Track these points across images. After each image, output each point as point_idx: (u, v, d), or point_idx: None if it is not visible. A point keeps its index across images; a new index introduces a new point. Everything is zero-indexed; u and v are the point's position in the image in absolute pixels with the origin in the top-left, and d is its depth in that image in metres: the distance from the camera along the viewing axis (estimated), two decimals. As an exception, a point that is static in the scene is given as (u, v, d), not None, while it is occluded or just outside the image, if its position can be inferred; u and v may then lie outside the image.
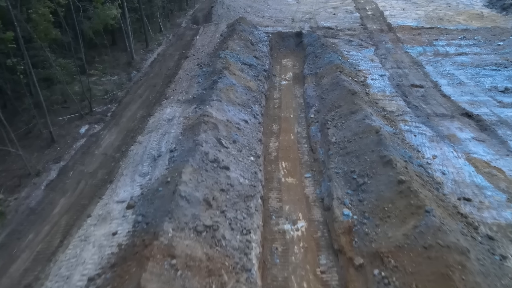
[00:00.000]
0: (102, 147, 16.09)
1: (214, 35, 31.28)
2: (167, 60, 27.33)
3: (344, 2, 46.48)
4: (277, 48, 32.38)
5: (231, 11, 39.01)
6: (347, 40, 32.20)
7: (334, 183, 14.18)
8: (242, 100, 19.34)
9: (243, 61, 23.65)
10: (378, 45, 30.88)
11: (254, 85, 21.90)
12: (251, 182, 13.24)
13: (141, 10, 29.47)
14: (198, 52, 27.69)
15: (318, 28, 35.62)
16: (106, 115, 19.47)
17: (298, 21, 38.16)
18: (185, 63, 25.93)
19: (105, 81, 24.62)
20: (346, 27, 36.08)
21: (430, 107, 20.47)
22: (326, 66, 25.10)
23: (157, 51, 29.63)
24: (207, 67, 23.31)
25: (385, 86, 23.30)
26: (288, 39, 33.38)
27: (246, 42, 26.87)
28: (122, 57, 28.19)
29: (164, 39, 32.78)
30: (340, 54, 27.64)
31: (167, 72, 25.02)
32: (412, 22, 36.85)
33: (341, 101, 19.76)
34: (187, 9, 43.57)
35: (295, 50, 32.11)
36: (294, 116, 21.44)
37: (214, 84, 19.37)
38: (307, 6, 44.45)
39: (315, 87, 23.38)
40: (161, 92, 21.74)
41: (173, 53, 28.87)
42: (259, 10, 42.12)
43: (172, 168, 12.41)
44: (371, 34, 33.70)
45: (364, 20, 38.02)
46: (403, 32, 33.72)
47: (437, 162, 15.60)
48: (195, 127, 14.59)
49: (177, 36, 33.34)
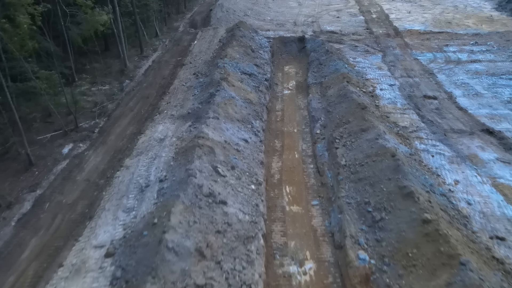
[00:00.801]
0: (85, 171, 14.30)
1: (213, 40, 29.46)
2: (162, 68, 25.52)
3: (348, 4, 44.65)
4: (279, 53, 30.56)
5: (231, 14, 37.18)
6: (352, 46, 30.38)
7: (345, 215, 12.37)
8: (241, 115, 17.54)
9: (243, 70, 21.84)
10: (385, 51, 29.06)
11: (254, 97, 20.10)
12: (252, 218, 11.44)
13: (135, 14, 27.66)
14: (195, 59, 25.87)
15: (322, 33, 33.79)
16: (93, 131, 17.67)
17: (301, 25, 36.33)
18: (181, 71, 24.12)
19: (95, 91, 22.82)
20: (351, 31, 34.25)
21: (446, 122, 18.65)
22: (332, 75, 23.28)
23: (152, 58, 27.82)
24: (204, 77, 21.50)
25: (396, 98, 21.48)
26: (290, 44, 31.56)
27: (246, 49, 25.05)
28: (115, 65, 26.38)
29: (160, 45, 30.95)
30: (346, 62, 25.83)
31: (161, 81, 23.21)
32: (419, 26, 35.02)
33: (349, 116, 17.94)
34: (185, 12, 41.74)
35: (297, 56, 30.29)
36: (298, 131, 19.63)
37: (211, 98, 17.57)
38: (310, 8, 42.62)
39: (320, 98, 21.57)
40: (154, 105, 19.93)
41: (169, 60, 27.06)
42: (260, 13, 40.29)
43: (160, 205, 10.63)
44: (377, 39, 31.88)
45: (369, 24, 36.20)
46: (411, 37, 31.89)
47: (460, 189, 13.79)
48: (189, 151, 12.80)
49: (174, 41, 31.52)
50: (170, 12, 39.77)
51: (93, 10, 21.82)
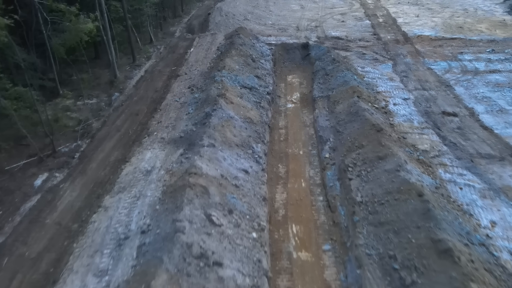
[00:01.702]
0: (57, 211, 12.10)
1: (210, 48, 27.21)
2: (155, 79, 23.27)
3: (352, 7, 42.38)
4: (281, 61, 28.31)
5: (230, 18, 34.90)
6: (359, 53, 28.13)
7: (366, 272, 10.15)
8: (241, 139, 15.31)
9: (242, 84, 19.60)
10: (395, 59, 26.80)
11: (255, 115, 17.86)
12: (254, 280, 9.22)
13: (126, 20, 25.39)
14: (191, 69, 23.62)
15: (326, 38, 31.54)
16: (73, 156, 15.44)
17: (304, 30, 34.06)
18: (175, 84, 21.87)
19: (81, 106, 20.58)
20: (357, 37, 31.99)
21: (471, 145, 16.41)
22: (340, 88, 21.04)
23: (144, 67, 25.55)
24: (199, 92, 19.26)
25: (412, 114, 19.24)
26: (294, 51, 29.31)
27: (246, 59, 22.79)
28: (104, 75, 24.13)
29: (154, 52, 28.68)
30: (354, 72, 23.57)
31: (153, 95, 20.97)
32: (429, 31, 32.75)
33: (363, 139, 15.69)
34: (182, 16, 39.46)
35: (301, 64, 28.04)
36: (305, 153, 17.40)
37: (207, 119, 15.33)
38: (313, 12, 40.34)
39: (328, 115, 19.33)
40: (143, 124, 17.69)
41: (163, 69, 24.80)
42: (261, 17, 38.02)
43: (139, 271, 8.45)
44: (386, 45, 29.62)
45: (376, 29, 33.93)
46: (421, 44, 29.62)
47: (500, 235, 11.56)
48: (178, 193, 10.61)
49: (169, 48, 29.24)
50: (166, 16, 37.50)
51: (77, 17, 19.60)
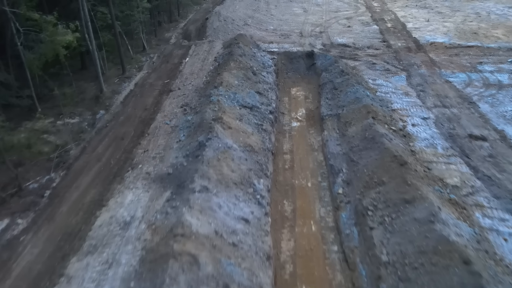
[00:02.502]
0: (11, 277, 9.65)
1: (207, 58, 24.70)
2: (146, 94, 20.76)
3: (358, 11, 39.83)
4: (284, 72, 25.82)
5: (229, 23, 32.37)
6: (369, 63, 25.62)
7: None
8: (240, 174, 12.85)
9: (242, 103, 17.11)
10: (409, 70, 24.28)
11: (257, 141, 15.39)
12: None
13: (114, 28, 22.87)
14: (185, 83, 21.12)
15: (332, 46, 29.01)
16: (42, 195, 12.96)
17: (308, 36, 31.53)
18: (166, 101, 19.36)
19: (61, 126, 18.12)
20: (365, 44, 29.46)
21: (508, 178, 13.92)
22: (352, 106, 18.56)
23: (135, 80, 23.05)
24: (193, 114, 16.75)
25: (434, 138, 16.75)
26: (298, 60, 26.79)
27: (246, 72, 20.29)
28: (90, 89, 21.66)
29: (146, 61, 26.17)
30: (365, 86, 21.08)
31: (142, 114, 18.46)
32: (442, 37, 30.21)
33: (383, 173, 13.22)
34: (179, 20, 36.92)
35: (306, 75, 25.55)
36: (314, 186, 14.95)
37: (200, 151, 12.86)
38: (316, 16, 37.79)
39: (339, 139, 16.86)
40: (128, 152, 15.20)
41: (155, 83, 22.29)
42: (262, 22, 35.47)
43: None
44: (397, 54, 27.09)
45: (385, 35, 31.39)
46: (436, 52, 27.10)
47: None
48: (159, 265, 8.17)
49: (163, 57, 26.72)
50: (161, 20, 34.97)
51: (55, 27, 17.12)
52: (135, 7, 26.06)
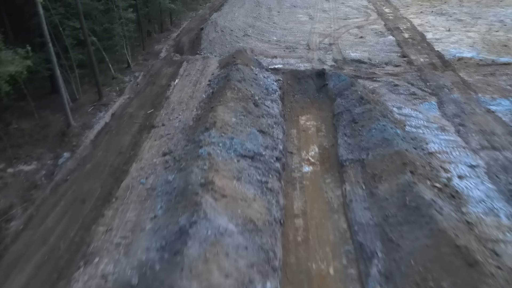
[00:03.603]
0: None
1: (200, 80, 20.48)
2: (123, 130, 16.55)
3: (369, 18, 35.51)
4: (291, 94, 21.61)
5: (227, 34, 28.08)
6: (390, 85, 21.39)
7: None
8: (238, 276, 8.67)
9: (241, 151, 12.93)
10: (439, 94, 20.07)
11: (260, 210, 11.22)
12: None
13: (87, 46, 18.60)
14: (171, 117, 16.91)
15: (345, 62, 24.77)
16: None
17: (316, 49, 27.28)
18: (147, 143, 15.16)
19: (11, 175, 14.01)
20: (383, 59, 25.22)
21: None
22: (379, 151, 14.36)
23: (113, 108, 18.84)
24: (176, 171, 12.44)
25: (492, 198, 12.57)
26: (306, 80, 22.57)
27: (246, 103, 16.08)
28: (57, 122, 17.49)
29: (129, 82, 21.94)
30: (392, 119, 16.85)
31: (114, 162, 14.28)
32: (469, 51, 25.96)
33: (443, 274, 9.03)
34: (171, 30, 32.60)
35: (316, 98, 21.33)
36: (338, 274, 10.80)
37: (181, 243, 8.72)
38: (324, 24, 33.48)
39: (368, 199, 12.68)
40: (86, 228, 11.00)
41: (136, 113, 18.07)
42: (263, 32, 31.18)
43: None
44: (422, 72, 22.86)
45: (404, 48, 27.12)
46: (466, 70, 22.86)
47: None
48: None
49: (149, 77, 22.50)
50: (151, 30, 30.66)
51: (0, 52, 12.94)
52: (117, 18, 21.78)
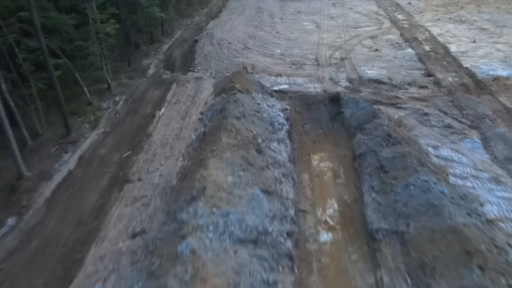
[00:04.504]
0: None
1: (190, 111, 16.64)
2: (88, 185, 12.69)
3: (382, 27, 31.59)
4: (300, 124, 17.80)
5: (224, 48, 24.20)
6: (419, 113, 17.59)
7: None
8: None
9: (239, 235, 9.13)
10: (480, 127, 16.25)
11: None
12: None
13: (50, 70, 14.74)
14: (151, 168, 13.02)
15: (362, 82, 20.94)
16: None
17: (326, 65, 23.42)
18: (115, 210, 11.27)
19: None
20: (405, 79, 21.37)
21: None
22: (424, 221, 10.59)
23: (82, 147, 15.00)
24: (145, 273, 8.53)
25: None
26: (318, 107, 18.77)
27: (246, 151, 12.23)
28: (8, 170, 13.63)
29: (108, 110, 18.10)
30: (431, 168, 13.00)
31: (69, 239, 10.43)
32: (502, 67, 22.15)
33: None
34: (163, 40, 28.67)
35: (330, 129, 17.51)
36: None
37: None
38: (333, 34, 29.56)
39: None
40: None
41: (109, 157, 14.23)
42: (266, 43, 27.28)
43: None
44: (453, 96, 19.03)
45: (427, 63, 23.25)
46: (507, 94, 19.00)
47: None
48: None
49: (132, 103, 18.66)
50: (139, 42, 26.74)
51: None
52: (93, 34, 17.90)
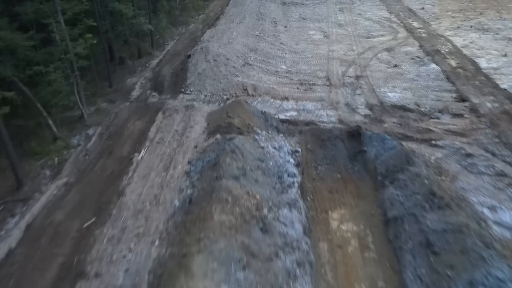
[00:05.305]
0: None
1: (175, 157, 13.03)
2: (29, 276, 9.19)
3: (397, 36, 27.97)
4: (313, 166, 14.26)
5: (221, 65, 20.60)
6: (460, 154, 14.06)
7: None
8: None
9: None
10: (541, 176, 12.69)
11: None
12: None
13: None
14: (116, 255, 9.22)
15: (384, 109, 17.40)
16: None
17: (340, 85, 19.86)
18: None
19: None
20: (434, 104, 17.83)
21: None
22: None
23: (31, 211, 11.38)
24: None
25: None
26: (333, 143, 15.23)
27: (247, 234, 8.74)
28: None
29: (76, 149, 14.50)
30: (499, 249, 9.46)
31: None
32: (547, 89, 18.55)
33: None
34: (153, 53, 25.03)
35: (350, 173, 13.96)
36: None
37: None
38: (344, 45, 25.95)
39: None
40: None
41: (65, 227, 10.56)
42: (269, 57, 23.67)
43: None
44: (498, 129, 15.49)
45: (457, 83, 19.67)
46: None
47: None
48: None
49: (107, 138, 15.08)
50: (125, 56, 23.10)
51: None
52: (59, 55, 14.32)
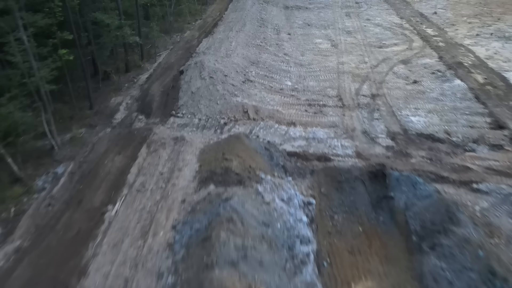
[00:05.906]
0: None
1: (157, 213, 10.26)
2: None
3: (412, 45, 25.21)
4: (328, 214, 11.61)
5: (218, 83, 17.86)
6: (510, 202, 11.28)
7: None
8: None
9: None
10: None
11: None
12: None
13: None
14: None
15: (409, 139, 14.69)
16: None
17: (354, 107, 17.16)
18: None
19: None
20: (467, 131, 15.11)
21: None
22: None
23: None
24: None
25: None
26: (352, 185, 12.53)
27: None
28: None
29: (39, 196, 11.78)
30: None
31: None
32: None
33: None
34: (142, 66, 22.27)
35: (374, 225, 11.29)
36: None
37: None
38: (355, 57, 23.20)
39: None
40: None
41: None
42: (272, 71, 20.92)
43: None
44: (548, 167, 12.75)
45: (489, 104, 16.97)
46: None
47: None
48: None
49: (78, 180, 12.33)
50: (110, 71, 20.33)
51: None
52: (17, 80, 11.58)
